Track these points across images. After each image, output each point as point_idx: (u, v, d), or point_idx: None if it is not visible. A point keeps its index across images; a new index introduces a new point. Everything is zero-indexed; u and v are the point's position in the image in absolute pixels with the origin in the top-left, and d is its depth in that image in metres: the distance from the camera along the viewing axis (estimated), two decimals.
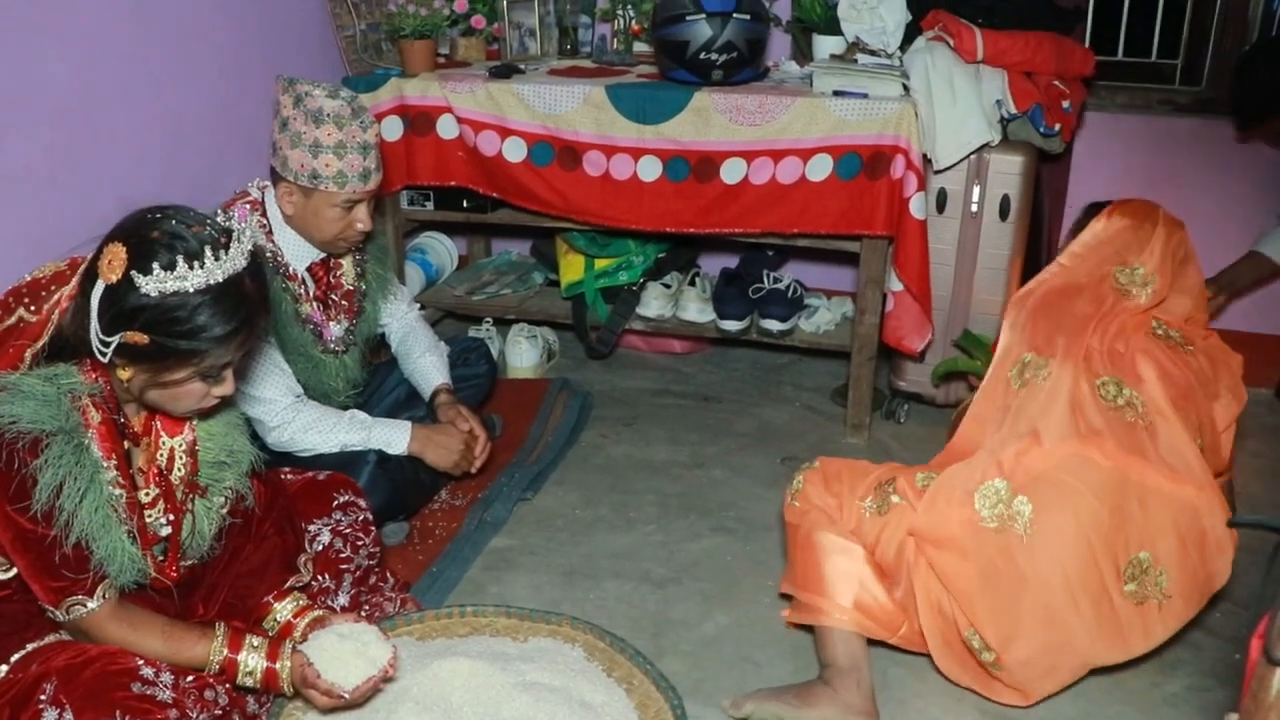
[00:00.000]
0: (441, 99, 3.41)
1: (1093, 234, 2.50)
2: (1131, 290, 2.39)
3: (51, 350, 1.74)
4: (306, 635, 2.03)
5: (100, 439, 1.77)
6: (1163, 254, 2.45)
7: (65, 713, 1.65)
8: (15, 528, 1.70)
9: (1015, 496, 2.14)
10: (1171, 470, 2.16)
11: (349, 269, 2.76)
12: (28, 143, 2.54)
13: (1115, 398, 2.22)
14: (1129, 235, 2.48)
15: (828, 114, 3.08)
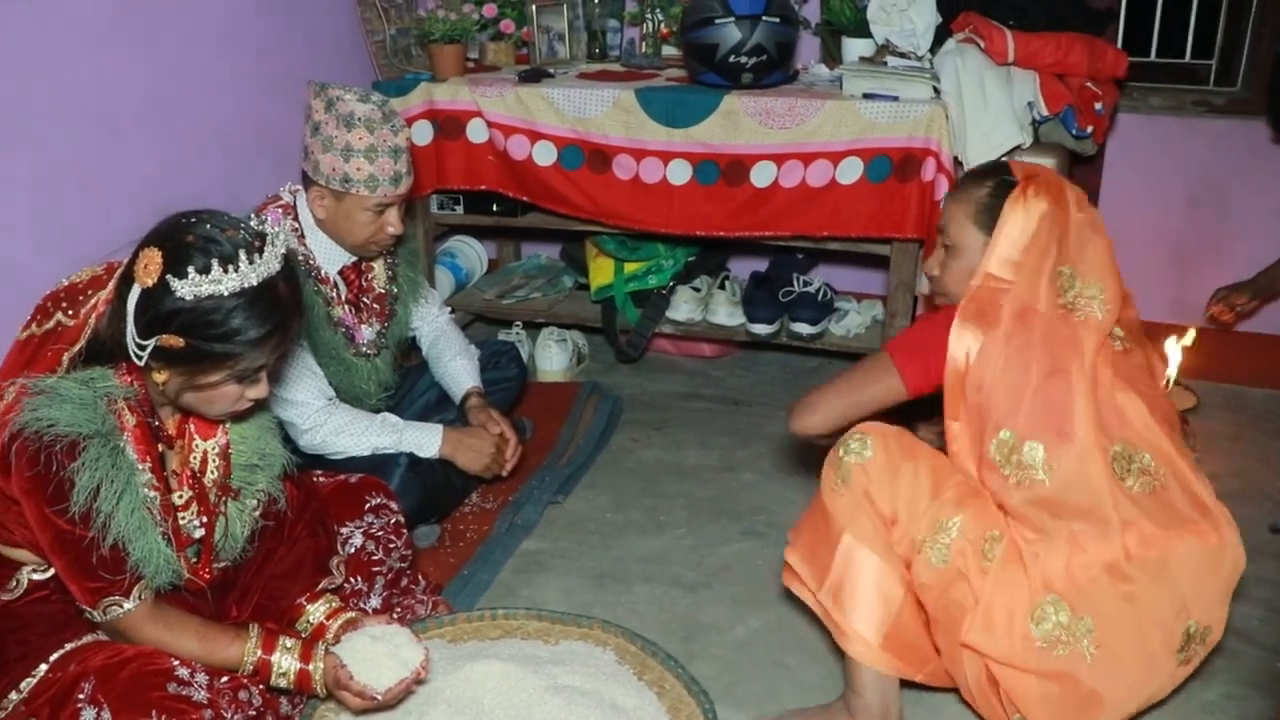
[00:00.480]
0: (471, 103, 3.42)
1: (1023, 232, 2.03)
2: (1078, 304, 2.03)
3: (88, 354, 1.76)
4: (339, 637, 2.03)
5: (135, 442, 1.79)
6: (1098, 249, 2.09)
7: (103, 712, 1.66)
8: (54, 529, 1.71)
9: (1074, 617, 1.94)
10: (1198, 523, 2.00)
11: (380, 272, 2.77)
12: (66, 149, 2.56)
13: (1128, 470, 1.98)
14: (1056, 225, 2.06)
15: (858, 116, 3.07)
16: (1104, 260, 2.08)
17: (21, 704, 1.75)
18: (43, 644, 1.82)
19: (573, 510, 3.00)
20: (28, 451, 1.67)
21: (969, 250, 2.11)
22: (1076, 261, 2.05)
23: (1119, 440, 1.98)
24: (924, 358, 2.08)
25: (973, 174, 2.20)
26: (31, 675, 1.78)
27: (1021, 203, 2.04)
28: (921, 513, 2.02)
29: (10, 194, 2.43)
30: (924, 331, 2.13)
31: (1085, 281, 2.03)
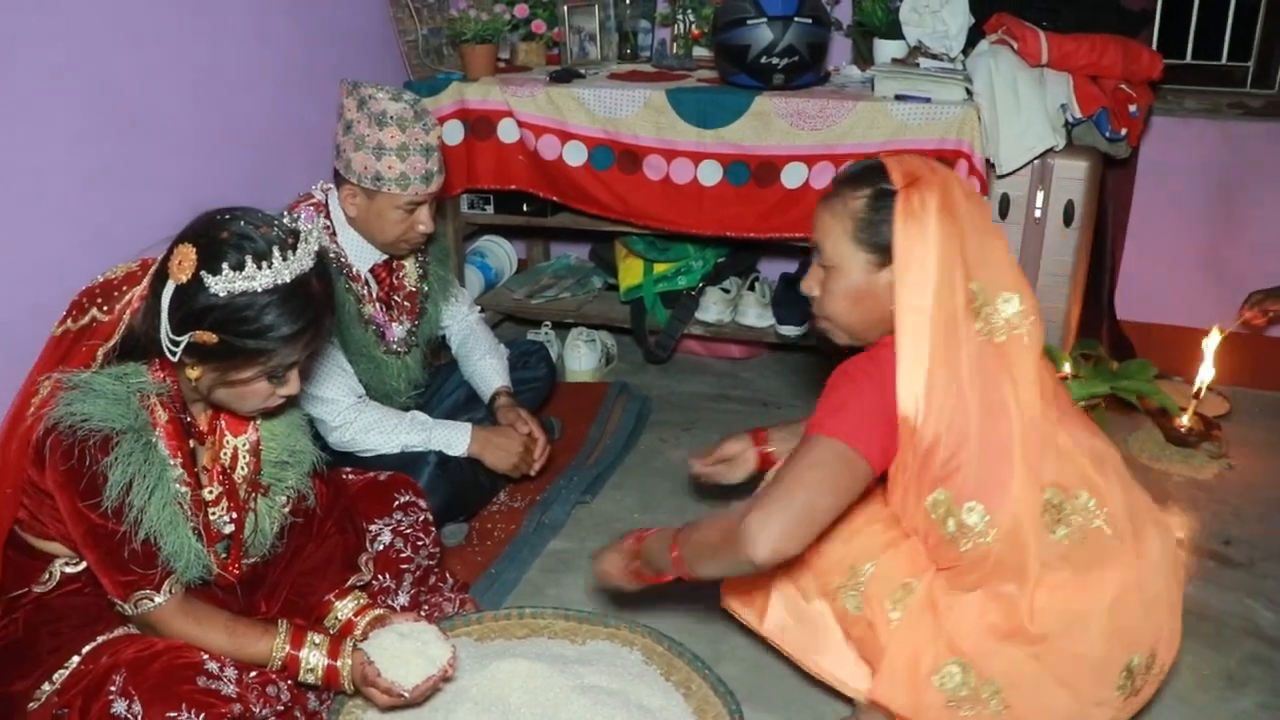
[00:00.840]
0: (502, 103, 3.43)
1: (922, 262, 1.78)
2: (996, 324, 1.81)
3: (123, 349, 1.77)
4: (367, 634, 2.04)
5: (167, 437, 1.80)
6: (998, 252, 1.86)
7: (134, 704, 1.67)
8: (86, 523, 1.73)
9: (980, 681, 1.84)
10: (1120, 553, 1.85)
11: (411, 271, 2.78)
12: (103, 148, 2.59)
13: (1058, 519, 1.82)
14: (954, 233, 1.80)
15: (889, 118, 3.06)
16: (1007, 262, 1.86)
17: (54, 695, 1.77)
18: (75, 636, 1.84)
19: (600, 510, 3.00)
20: (62, 445, 1.68)
21: (849, 270, 1.87)
22: (981, 272, 1.81)
23: (1050, 486, 1.81)
24: (871, 429, 1.81)
25: (843, 180, 1.91)
26: (64, 667, 1.80)
27: (914, 220, 1.78)
28: (836, 559, 1.96)
29: (47, 192, 2.45)
30: (854, 399, 1.82)
31: (997, 294, 1.82)
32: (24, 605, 1.87)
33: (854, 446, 1.78)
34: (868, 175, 1.87)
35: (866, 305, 1.88)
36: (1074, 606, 1.82)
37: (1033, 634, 1.81)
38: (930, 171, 1.84)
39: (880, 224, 1.82)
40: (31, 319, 1.92)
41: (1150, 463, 3.25)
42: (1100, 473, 1.86)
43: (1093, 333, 3.61)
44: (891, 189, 1.82)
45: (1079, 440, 1.88)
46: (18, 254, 2.40)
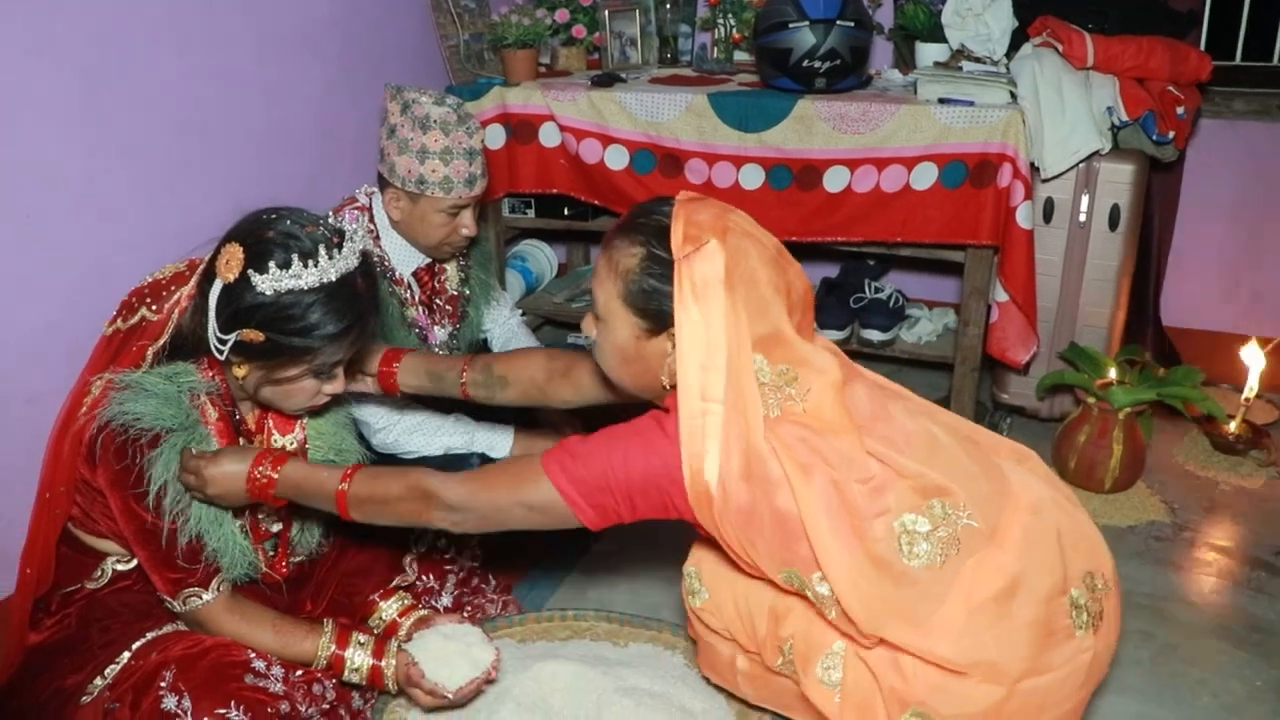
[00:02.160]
0: (544, 107, 3.44)
1: (709, 329, 1.66)
2: (800, 395, 1.71)
3: (172, 348, 1.79)
4: (411, 634, 2.05)
5: (217, 435, 1.82)
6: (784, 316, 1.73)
7: (184, 699, 1.69)
8: (137, 521, 1.75)
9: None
10: (1016, 497, 1.80)
11: (453, 274, 2.79)
12: (150, 153, 2.61)
13: (912, 546, 1.70)
14: (736, 309, 1.67)
15: (933, 121, 3.05)
16: (787, 329, 1.73)
17: (106, 689, 1.79)
18: (126, 632, 1.86)
19: None
20: (114, 444, 1.70)
21: (618, 329, 1.76)
22: (760, 342, 1.70)
23: (896, 516, 1.70)
24: (610, 500, 1.75)
25: (624, 228, 1.77)
26: (115, 662, 1.82)
27: (691, 296, 1.65)
28: (764, 641, 1.90)
29: (97, 195, 2.48)
30: (618, 466, 1.74)
31: (775, 365, 1.71)
32: (77, 601, 1.90)
33: (569, 504, 1.77)
34: (647, 229, 1.73)
35: (636, 368, 1.79)
36: (990, 604, 1.70)
37: (959, 664, 1.69)
38: (721, 232, 1.69)
39: (651, 293, 1.71)
40: (82, 320, 1.95)
41: (1197, 470, 3.21)
42: (938, 460, 1.77)
43: (1137, 339, 3.58)
44: (666, 257, 1.69)
45: (911, 437, 1.79)
46: (69, 256, 2.43)
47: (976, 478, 1.79)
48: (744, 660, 1.98)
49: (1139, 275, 3.45)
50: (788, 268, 1.77)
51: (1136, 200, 3.13)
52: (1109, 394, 3.02)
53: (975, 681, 1.69)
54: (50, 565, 1.90)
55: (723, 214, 1.73)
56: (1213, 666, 2.35)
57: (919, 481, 1.73)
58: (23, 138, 2.30)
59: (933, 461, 1.77)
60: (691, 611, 2.01)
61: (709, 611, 1.96)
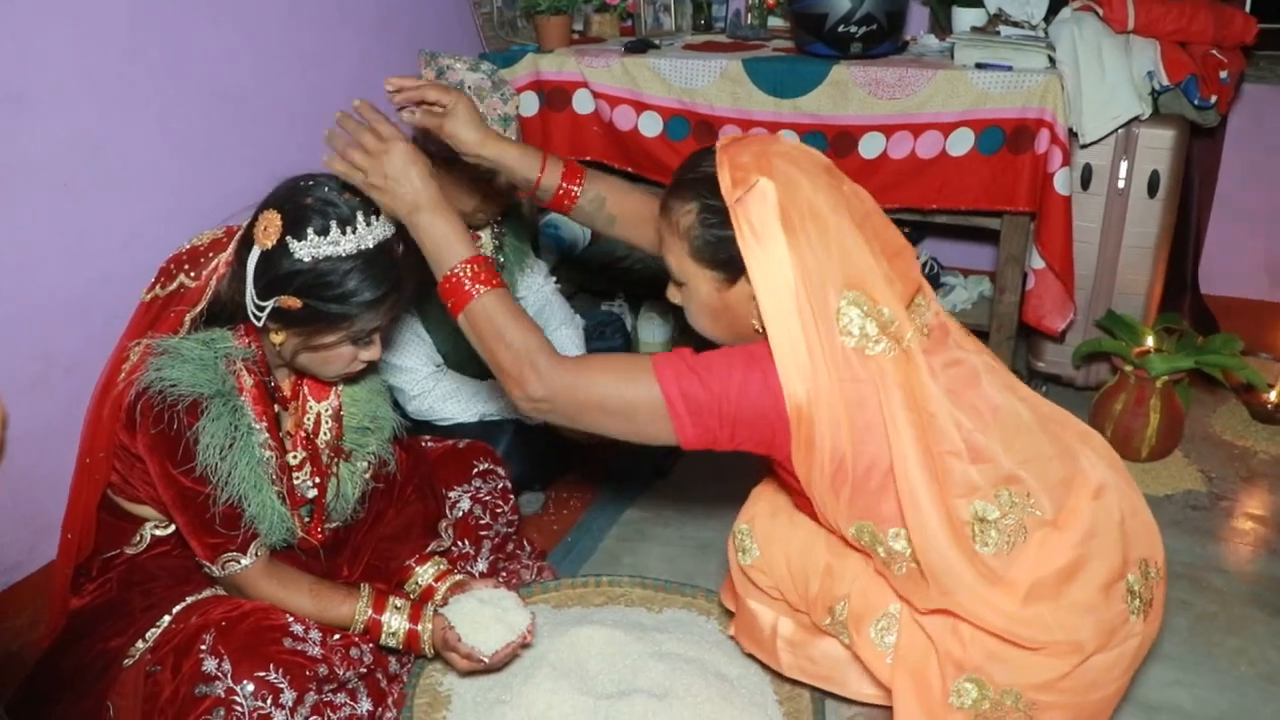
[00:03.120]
0: (577, 74, 3.43)
1: (771, 264, 1.65)
2: (870, 336, 1.67)
3: (209, 315, 1.80)
4: (447, 599, 2.06)
5: (252, 401, 1.83)
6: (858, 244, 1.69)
7: (224, 662, 1.70)
8: (176, 486, 1.76)
9: (998, 691, 1.74)
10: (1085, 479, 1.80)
11: (487, 242, 2.79)
12: (185, 122, 2.62)
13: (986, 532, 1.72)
14: (804, 246, 1.65)
15: (970, 87, 3.01)
16: (867, 261, 1.68)
17: (148, 652, 1.81)
18: (166, 596, 1.88)
19: (676, 480, 3.00)
20: (152, 410, 1.72)
21: (699, 288, 1.78)
22: (841, 276, 1.66)
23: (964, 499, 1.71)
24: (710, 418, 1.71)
25: (672, 190, 1.78)
26: (156, 625, 1.84)
27: (756, 242, 1.65)
28: (815, 600, 1.91)
29: (133, 165, 2.49)
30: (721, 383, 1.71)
31: (865, 301, 1.67)
32: (117, 566, 1.92)
33: (672, 414, 1.70)
34: (696, 184, 1.73)
35: (726, 320, 1.79)
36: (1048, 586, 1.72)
37: (1021, 634, 1.71)
38: (767, 166, 1.67)
39: (715, 242, 1.71)
40: (120, 289, 1.96)
41: (1235, 439, 3.19)
42: (1020, 441, 1.77)
43: (1175, 307, 3.54)
44: (719, 205, 1.69)
45: (998, 412, 1.78)
46: (107, 225, 2.44)
47: (1051, 460, 1.79)
48: (788, 624, 1.99)
49: (1177, 242, 3.41)
50: (842, 182, 1.75)
51: (1176, 166, 3.10)
52: (1146, 362, 2.99)
53: (1033, 654, 1.71)
54: (91, 530, 1.92)
55: (765, 150, 1.71)
56: (1250, 635, 2.34)
57: (995, 466, 1.73)
58: (60, 107, 2.31)
59: (1015, 441, 1.77)
60: (739, 571, 2.01)
61: (759, 569, 1.97)
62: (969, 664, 1.73)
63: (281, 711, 1.71)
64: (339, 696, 1.89)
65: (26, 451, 2.32)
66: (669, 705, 1.97)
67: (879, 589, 1.83)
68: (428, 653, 2.02)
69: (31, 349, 2.33)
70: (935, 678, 1.77)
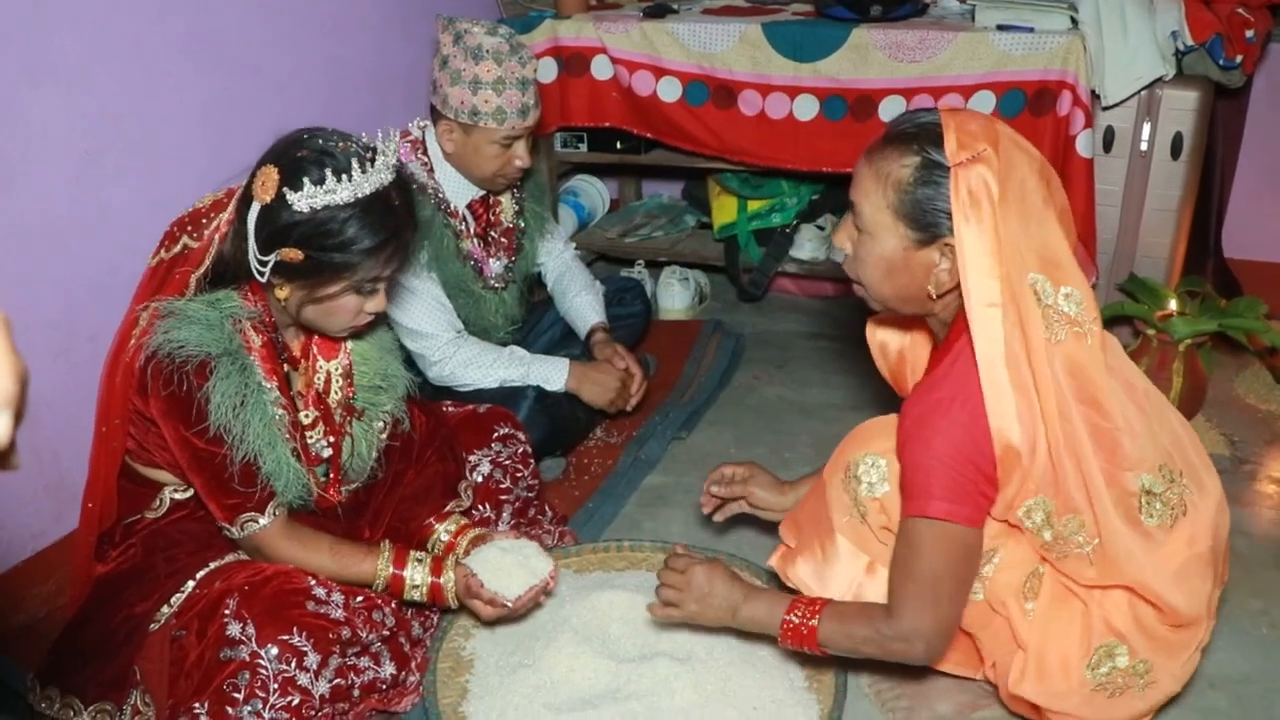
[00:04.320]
0: (596, 40, 3.41)
1: (983, 236, 1.61)
2: (1058, 323, 1.65)
3: (214, 275, 1.81)
4: (469, 552, 2.07)
5: (261, 361, 1.84)
6: (1056, 234, 1.68)
7: (248, 626, 1.72)
8: (191, 448, 1.77)
9: (1133, 661, 1.75)
10: (1213, 484, 1.83)
11: (508, 207, 2.80)
12: (205, 91, 2.62)
13: (1152, 504, 1.72)
14: (1012, 218, 1.63)
15: (991, 49, 2.99)
16: (1066, 250, 1.67)
17: (173, 617, 1.83)
18: (189, 561, 1.89)
19: (696, 446, 3.01)
20: (162, 373, 1.73)
21: (886, 241, 1.72)
22: (1038, 263, 1.65)
23: (1133, 471, 1.70)
24: (967, 492, 1.67)
25: (892, 137, 1.71)
26: (180, 591, 1.85)
27: (974, 209, 1.61)
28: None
29: (153, 134, 2.50)
30: (939, 467, 1.66)
31: (1058, 288, 1.65)
32: (139, 531, 1.94)
33: (960, 523, 1.66)
34: (919, 138, 1.67)
35: (901, 280, 1.74)
36: (1192, 567, 1.75)
37: (1178, 604, 1.73)
38: (992, 141, 1.63)
39: (926, 201, 1.66)
40: (140, 258, 1.95)
41: (1258, 403, 3.17)
42: (1165, 423, 1.79)
43: (1197, 269, 3.52)
44: (944, 163, 1.63)
45: (1149, 394, 1.81)
46: (127, 194, 2.45)
47: (1188, 448, 1.81)
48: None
49: (1201, 205, 3.38)
50: (1051, 179, 1.72)
51: (1200, 128, 3.07)
52: (1169, 325, 2.97)
53: (1174, 631, 1.76)
54: (112, 499, 1.94)
55: (991, 123, 1.68)
56: (1272, 597, 2.33)
57: (1154, 443, 1.74)
58: (81, 78, 2.31)
59: (1162, 422, 1.79)
60: (850, 505, 1.89)
61: (882, 507, 1.86)
62: (1119, 629, 1.75)
63: (306, 674, 1.73)
64: (362, 660, 1.90)
65: (51, 420, 2.34)
66: (691, 668, 1.98)
67: (1025, 545, 1.79)
68: (452, 604, 2.02)
69: (55, 318, 2.35)
70: (1078, 642, 1.77)
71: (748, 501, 2.21)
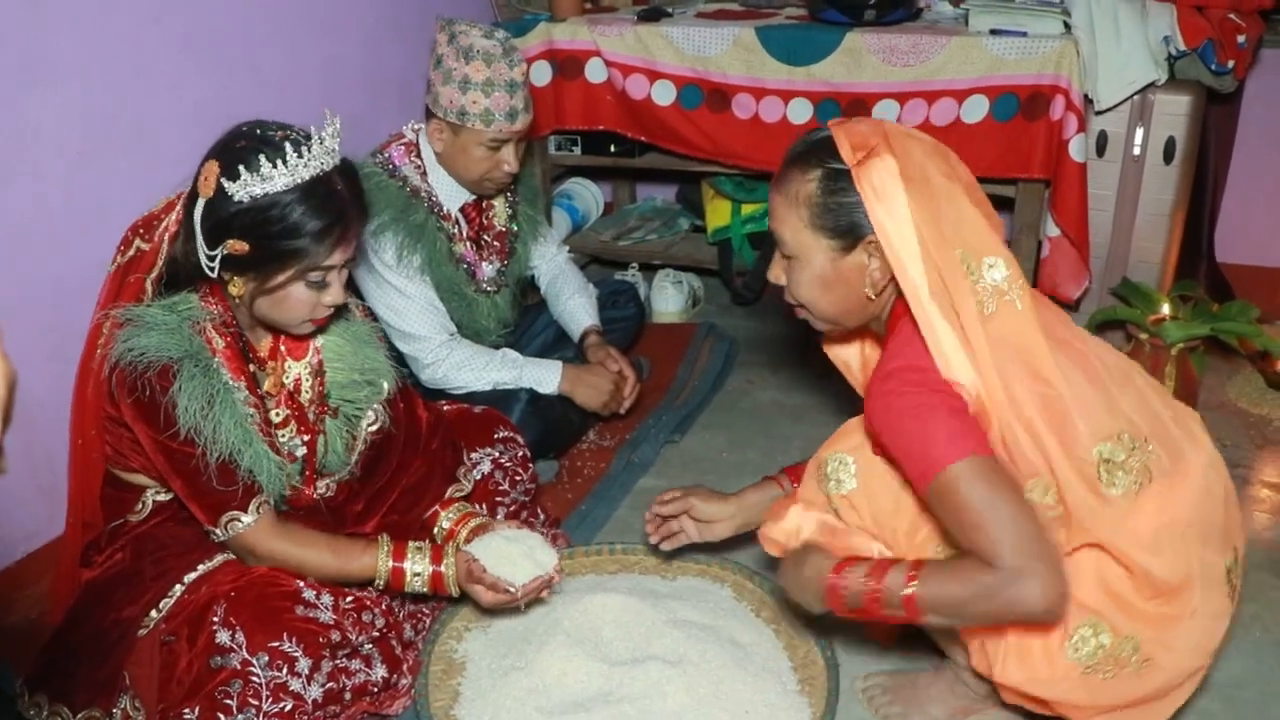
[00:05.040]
0: (590, 43, 3.42)
1: (898, 220, 1.65)
2: (987, 295, 1.66)
3: (169, 278, 1.81)
4: (470, 540, 2.07)
5: (226, 361, 1.82)
6: (973, 216, 1.70)
7: (237, 633, 1.72)
8: (166, 452, 1.77)
9: (1116, 639, 1.71)
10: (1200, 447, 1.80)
11: (501, 210, 2.80)
12: (200, 91, 2.62)
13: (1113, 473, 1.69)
14: (922, 198, 1.66)
15: (984, 53, 3.00)
16: (984, 223, 1.70)
17: (162, 622, 1.82)
18: (177, 564, 1.89)
19: (689, 449, 3.01)
20: (126, 381, 1.73)
21: (813, 259, 1.76)
22: (958, 237, 1.67)
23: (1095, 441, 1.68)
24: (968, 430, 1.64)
25: (791, 160, 1.77)
26: (168, 595, 1.85)
27: (884, 198, 1.65)
28: (920, 544, 1.82)
29: (148, 134, 2.50)
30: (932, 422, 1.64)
31: (980, 259, 1.67)
32: (125, 535, 1.94)
33: (972, 454, 1.60)
34: (815, 153, 1.73)
35: (839, 291, 1.78)
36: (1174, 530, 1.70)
37: (1156, 568, 1.68)
38: (882, 136, 1.69)
39: (838, 208, 1.71)
40: None
41: (1250, 407, 3.18)
42: (1129, 394, 1.76)
43: (1190, 275, 3.52)
44: (843, 167, 1.69)
45: (1111, 368, 1.77)
46: (121, 196, 2.44)
47: (1163, 415, 1.79)
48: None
49: (1193, 210, 3.39)
50: (948, 155, 1.77)
51: (1192, 133, 3.08)
52: (1161, 329, 2.98)
53: (1153, 602, 1.71)
54: (97, 510, 1.94)
55: (878, 123, 1.75)
56: (1265, 601, 2.34)
57: (1111, 412, 1.71)
58: (75, 76, 2.31)
59: (1126, 392, 1.76)
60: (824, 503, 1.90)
61: (851, 504, 1.86)
62: (1095, 607, 1.71)
63: (298, 679, 1.73)
64: (353, 663, 1.89)
65: (44, 421, 2.33)
66: (683, 672, 1.98)
67: None
68: (453, 592, 2.01)
69: (48, 319, 2.34)
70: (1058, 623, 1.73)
71: (690, 515, 2.18)
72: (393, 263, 2.56)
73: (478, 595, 1.99)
